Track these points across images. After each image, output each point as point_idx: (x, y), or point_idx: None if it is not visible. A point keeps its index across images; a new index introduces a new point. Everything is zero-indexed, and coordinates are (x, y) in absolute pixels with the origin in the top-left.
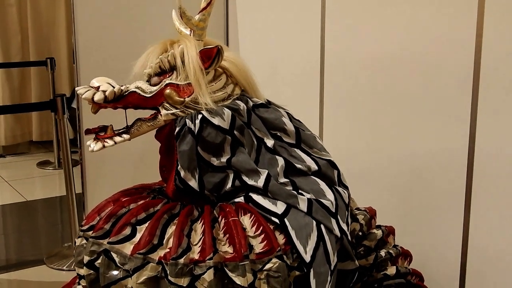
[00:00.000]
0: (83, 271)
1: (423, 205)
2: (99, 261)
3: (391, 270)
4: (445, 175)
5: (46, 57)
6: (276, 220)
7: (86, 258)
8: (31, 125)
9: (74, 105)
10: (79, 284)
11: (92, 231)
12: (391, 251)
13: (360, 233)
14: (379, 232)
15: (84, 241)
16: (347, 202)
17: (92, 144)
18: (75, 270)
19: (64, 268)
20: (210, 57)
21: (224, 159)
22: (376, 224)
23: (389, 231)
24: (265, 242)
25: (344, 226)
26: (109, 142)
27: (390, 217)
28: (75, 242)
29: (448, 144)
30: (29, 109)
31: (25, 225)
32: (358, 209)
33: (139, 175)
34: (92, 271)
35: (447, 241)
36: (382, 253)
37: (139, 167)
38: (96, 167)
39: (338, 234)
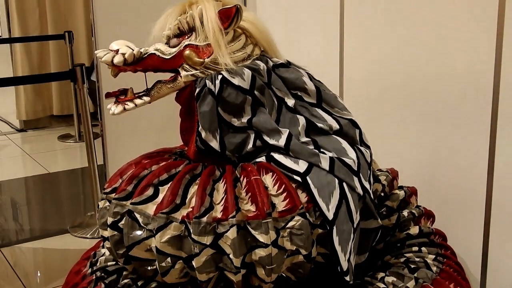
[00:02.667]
0: (107, 233)
1: (446, 167)
2: (122, 222)
3: (414, 230)
4: (468, 140)
5: (64, 30)
6: (298, 179)
7: (110, 220)
8: (51, 99)
9: (93, 77)
10: (103, 247)
11: (114, 193)
12: (413, 211)
13: (382, 194)
14: (401, 193)
15: (107, 203)
16: (369, 161)
17: (112, 107)
18: (98, 238)
19: (88, 236)
20: (229, 17)
21: (245, 120)
22: (399, 185)
23: (412, 192)
24: (287, 200)
25: (367, 185)
26: (130, 105)
27: (412, 180)
28: (98, 205)
29: (471, 115)
30: (49, 79)
31: (48, 196)
32: (380, 170)
33: (160, 146)
34: (116, 232)
35: (471, 203)
36: (405, 213)
37: (160, 138)
38: (117, 139)
39: (361, 192)
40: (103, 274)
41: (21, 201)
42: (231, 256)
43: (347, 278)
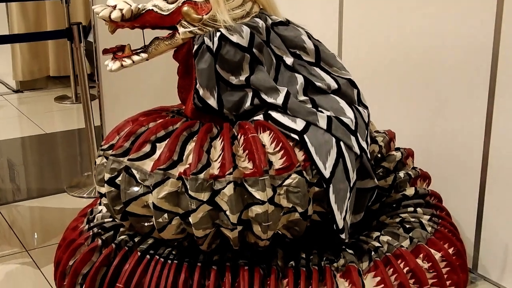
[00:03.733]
0: (104, 189)
1: (443, 129)
2: (119, 178)
3: (410, 191)
4: (465, 101)
5: None
6: (296, 137)
7: (107, 176)
8: (48, 60)
9: (90, 38)
10: (100, 204)
11: (112, 150)
12: (410, 172)
13: (379, 155)
14: (398, 154)
15: (105, 160)
16: (366, 121)
17: (110, 64)
18: (95, 197)
19: (85, 196)
20: None
21: (243, 78)
22: (395, 146)
23: (408, 154)
24: (284, 158)
25: (364, 144)
26: (127, 62)
27: (409, 142)
28: (95, 162)
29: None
30: (46, 37)
31: (45, 157)
32: (377, 131)
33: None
34: (113, 189)
35: (467, 165)
36: (401, 174)
37: (157, 100)
38: (114, 101)
39: (358, 151)
40: (100, 230)
41: (18, 162)
42: (227, 212)
43: (343, 236)
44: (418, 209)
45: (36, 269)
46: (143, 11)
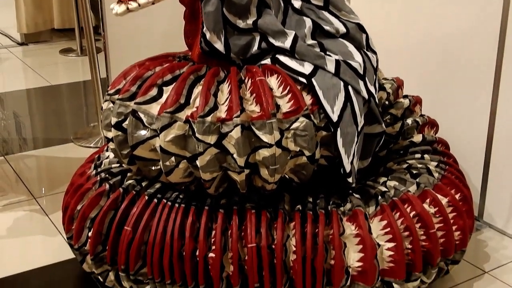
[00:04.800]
0: (111, 134)
1: (451, 77)
2: (126, 122)
3: (417, 138)
4: (475, 50)
5: None
6: (304, 80)
7: (114, 120)
8: (52, 12)
9: None
10: (107, 150)
11: (118, 94)
12: (417, 119)
13: (387, 102)
14: (406, 101)
15: (111, 104)
16: (375, 66)
17: (115, 7)
18: (102, 147)
19: (91, 145)
20: None
21: (250, 21)
22: (403, 94)
23: (416, 101)
24: (292, 101)
25: (372, 89)
26: (133, 4)
27: (417, 89)
28: (102, 107)
29: (480, 16)
30: None
31: (51, 108)
32: (385, 79)
33: None
34: (120, 133)
35: (475, 112)
36: (409, 121)
37: (163, 51)
38: (120, 53)
39: (366, 96)
40: (107, 175)
41: (24, 113)
42: (235, 155)
43: (350, 180)
44: (426, 156)
45: (44, 216)
46: None
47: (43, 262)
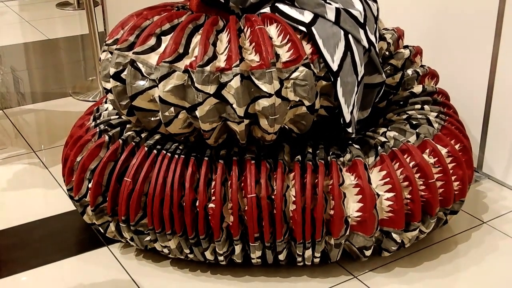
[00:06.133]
0: (109, 85)
1: (453, 28)
2: (125, 72)
3: (417, 89)
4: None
5: None
6: (303, 29)
7: (112, 70)
8: None
9: None
10: (106, 102)
11: (116, 44)
12: (418, 70)
13: (387, 53)
14: (406, 52)
15: (109, 55)
16: (376, 14)
17: None
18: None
19: (90, 99)
20: None
21: None
22: (404, 44)
23: (417, 51)
24: (292, 50)
25: (372, 38)
26: None
27: (418, 39)
28: (100, 58)
29: None
30: None
31: (49, 62)
32: (385, 29)
33: None
34: (118, 83)
35: (476, 63)
36: (409, 71)
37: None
38: (117, 5)
39: (366, 45)
40: (106, 127)
41: (21, 67)
42: (234, 105)
43: (350, 130)
44: (425, 106)
45: (43, 169)
46: None
47: (44, 214)
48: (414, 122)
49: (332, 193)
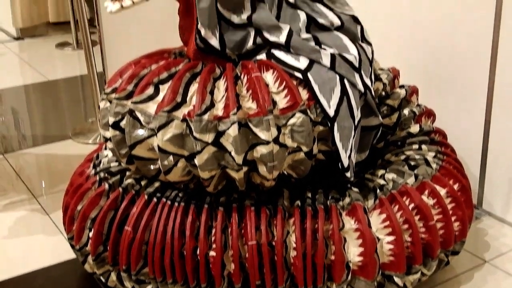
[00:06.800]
0: (109, 133)
1: (447, 66)
2: (124, 121)
3: (415, 128)
4: (471, 36)
5: None
6: (299, 75)
7: (111, 120)
8: (47, 5)
9: None
10: (105, 149)
11: (115, 93)
12: (414, 109)
13: (383, 93)
14: (402, 91)
15: (108, 104)
16: (370, 57)
17: (110, 5)
18: (101, 143)
19: (90, 142)
20: None
21: (244, 16)
22: (400, 84)
23: (413, 91)
24: (288, 97)
25: (368, 81)
26: (127, 2)
27: (413, 78)
28: (99, 107)
29: (474, 11)
30: None
31: (49, 104)
32: (381, 69)
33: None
34: (118, 132)
35: (472, 100)
36: (406, 111)
37: (159, 43)
38: (116, 46)
39: (362, 89)
40: (106, 174)
41: (22, 109)
42: (232, 153)
43: (348, 175)
44: (423, 146)
45: (44, 215)
46: None
47: (46, 262)
48: (412, 163)
49: (333, 238)
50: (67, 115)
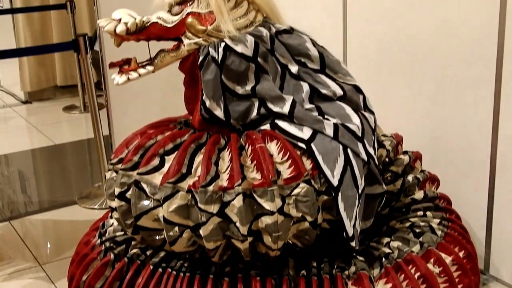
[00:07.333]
0: (115, 203)
1: (450, 131)
2: (130, 192)
3: (419, 195)
4: (473, 99)
5: (65, 0)
6: (303, 146)
7: (117, 190)
8: (55, 69)
9: (96, 47)
10: (111, 217)
11: (121, 164)
12: (418, 176)
13: (387, 159)
14: (406, 158)
15: (114, 174)
16: (373, 126)
17: (116, 77)
18: (106, 209)
19: (96, 207)
20: None
21: (248, 87)
22: (403, 150)
23: (416, 157)
24: (292, 167)
25: (371, 150)
26: (134, 75)
27: (416, 144)
28: (105, 176)
29: (475, 83)
30: (52, 50)
31: (55, 168)
32: (384, 135)
33: (165, 114)
34: (123, 203)
35: (476, 166)
36: (410, 178)
37: (165, 107)
38: (122, 109)
39: (365, 158)
40: (112, 244)
41: (29, 173)
42: (237, 224)
43: (353, 244)
44: (428, 213)
45: (50, 284)
46: (148, 24)
47: None
48: (417, 230)
49: None
50: (73, 179)
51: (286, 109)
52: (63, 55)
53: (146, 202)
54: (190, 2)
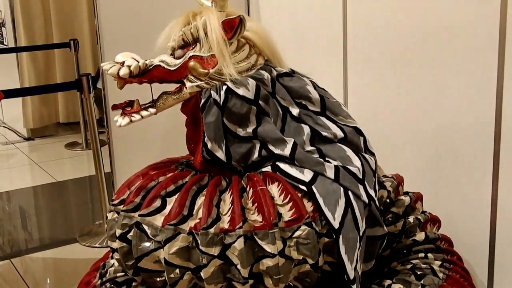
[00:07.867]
0: (116, 244)
1: (451, 171)
2: (131, 233)
3: (420, 236)
4: (473, 141)
5: (69, 38)
6: (304, 188)
7: (118, 231)
8: (57, 106)
9: (99, 85)
10: (112, 258)
11: (123, 205)
12: (419, 217)
13: (388, 200)
14: (406, 199)
15: (116, 215)
16: (374, 168)
17: (119, 119)
18: (107, 246)
19: (97, 245)
20: (233, 27)
21: (250, 129)
22: (404, 190)
23: (417, 198)
24: (293, 210)
25: (372, 192)
26: (136, 117)
27: (417, 185)
28: (106, 217)
29: (475, 108)
30: (56, 89)
31: (57, 205)
32: (385, 176)
33: (167, 152)
34: (124, 244)
35: (476, 206)
36: (411, 219)
37: (167, 146)
38: (124, 146)
39: (366, 200)
40: (112, 285)
41: (30, 210)
42: (238, 266)
43: (354, 287)
44: (429, 255)
45: None
46: (151, 67)
47: None
48: (418, 273)
49: None
50: (74, 217)
51: (287, 151)
52: (66, 92)
53: (147, 244)
54: (193, 46)
